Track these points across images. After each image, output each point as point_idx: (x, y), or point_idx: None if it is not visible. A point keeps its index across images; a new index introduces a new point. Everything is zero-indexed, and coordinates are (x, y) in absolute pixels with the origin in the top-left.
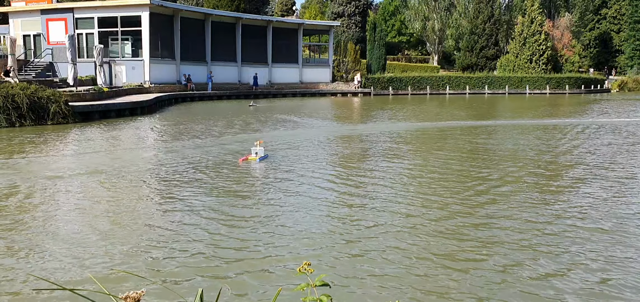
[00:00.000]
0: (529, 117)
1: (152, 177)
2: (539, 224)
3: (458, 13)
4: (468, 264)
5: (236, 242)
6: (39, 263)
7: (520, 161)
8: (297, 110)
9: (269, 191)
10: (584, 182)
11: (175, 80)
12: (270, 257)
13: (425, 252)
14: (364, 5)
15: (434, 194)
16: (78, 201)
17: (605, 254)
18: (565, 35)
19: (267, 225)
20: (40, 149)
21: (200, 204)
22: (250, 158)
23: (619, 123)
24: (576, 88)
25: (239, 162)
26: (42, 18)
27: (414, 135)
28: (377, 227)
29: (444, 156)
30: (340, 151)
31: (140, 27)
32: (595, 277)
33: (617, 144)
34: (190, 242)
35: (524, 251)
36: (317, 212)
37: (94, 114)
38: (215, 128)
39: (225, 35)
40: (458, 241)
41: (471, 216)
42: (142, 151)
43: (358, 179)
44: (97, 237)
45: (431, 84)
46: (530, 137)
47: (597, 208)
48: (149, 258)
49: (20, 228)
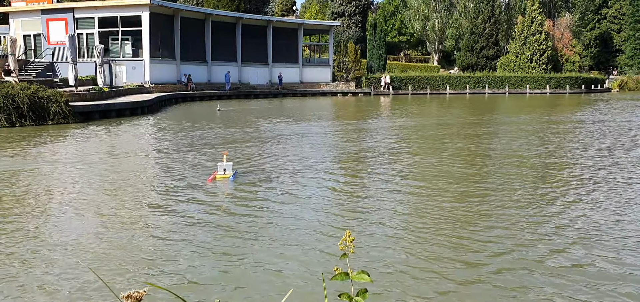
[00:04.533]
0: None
1: (150, 182)
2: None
3: (458, 13)
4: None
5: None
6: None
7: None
8: (302, 114)
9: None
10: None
11: (175, 80)
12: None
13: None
14: (364, 5)
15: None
16: (74, 206)
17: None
18: (566, 35)
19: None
20: (39, 150)
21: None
22: (218, 176)
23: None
24: (576, 88)
25: (207, 181)
26: (42, 18)
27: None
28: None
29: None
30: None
31: (141, 27)
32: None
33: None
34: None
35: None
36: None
37: (95, 114)
38: (210, 132)
39: (225, 35)
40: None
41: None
42: (141, 153)
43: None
44: (95, 240)
45: (431, 83)
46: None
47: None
48: (156, 269)
49: (16, 230)
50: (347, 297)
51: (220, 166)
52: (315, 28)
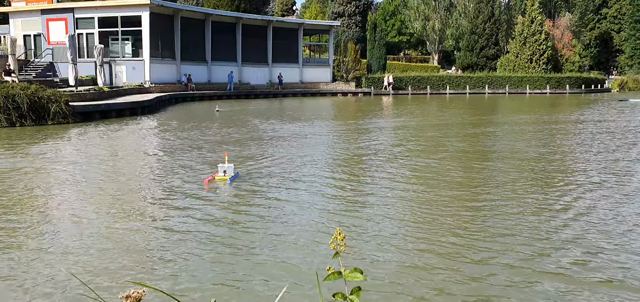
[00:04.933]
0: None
1: (149, 183)
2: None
3: (458, 13)
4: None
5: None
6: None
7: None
8: (303, 115)
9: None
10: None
11: (175, 80)
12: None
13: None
14: (364, 5)
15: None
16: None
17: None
18: (566, 35)
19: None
20: (37, 152)
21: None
22: (217, 178)
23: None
24: (576, 88)
25: (204, 182)
26: (42, 18)
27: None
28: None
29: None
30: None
31: (141, 27)
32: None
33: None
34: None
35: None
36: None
37: (95, 114)
38: (209, 131)
39: (225, 35)
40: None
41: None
42: (141, 154)
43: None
44: (95, 242)
45: (431, 83)
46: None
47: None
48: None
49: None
50: (342, 296)
51: (221, 167)
52: (315, 28)
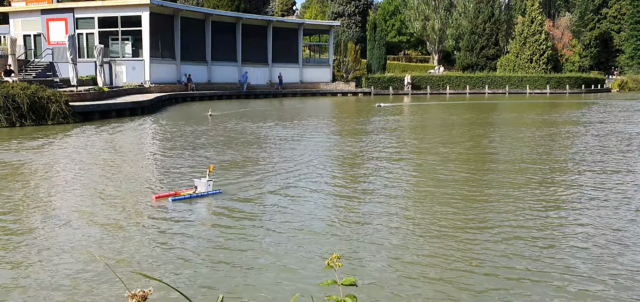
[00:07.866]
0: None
1: (148, 183)
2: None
3: (458, 13)
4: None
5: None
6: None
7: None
8: (303, 115)
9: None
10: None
11: (175, 80)
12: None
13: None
14: (364, 5)
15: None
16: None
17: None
18: (566, 35)
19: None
20: (37, 152)
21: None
22: (182, 193)
23: None
24: (576, 88)
25: (154, 198)
26: (42, 18)
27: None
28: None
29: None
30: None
31: (141, 27)
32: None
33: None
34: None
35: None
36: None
37: (95, 114)
38: (211, 131)
39: (225, 35)
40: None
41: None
42: (141, 154)
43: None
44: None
45: (431, 83)
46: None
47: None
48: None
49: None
50: (336, 299)
51: (196, 181)
52: (315, 28)
